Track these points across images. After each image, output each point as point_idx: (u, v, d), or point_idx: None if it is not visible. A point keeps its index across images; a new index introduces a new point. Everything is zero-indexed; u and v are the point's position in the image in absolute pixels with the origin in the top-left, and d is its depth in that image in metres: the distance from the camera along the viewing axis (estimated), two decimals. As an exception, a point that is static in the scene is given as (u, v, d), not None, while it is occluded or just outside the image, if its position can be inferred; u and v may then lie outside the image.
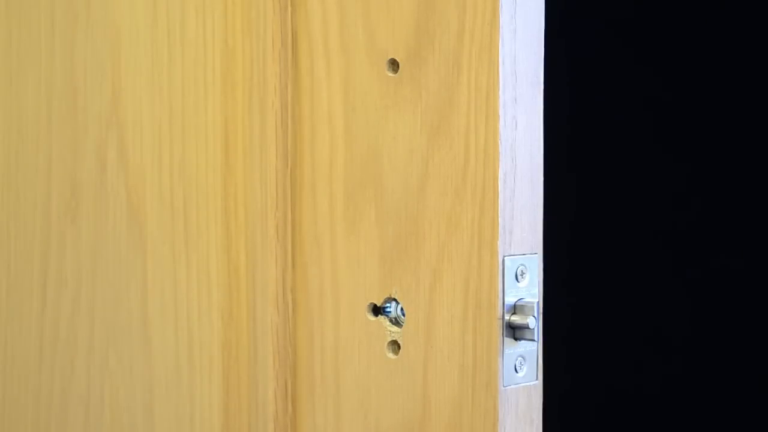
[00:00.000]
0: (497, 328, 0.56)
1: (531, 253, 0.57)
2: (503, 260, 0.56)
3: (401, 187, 0.59)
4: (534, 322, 0.55)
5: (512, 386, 0.56)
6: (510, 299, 0.56)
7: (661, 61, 1.35)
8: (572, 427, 1.36)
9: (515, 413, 0.56)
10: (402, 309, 0.59)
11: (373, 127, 0.60)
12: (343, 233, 0.62)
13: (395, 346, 0.60)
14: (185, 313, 0.69)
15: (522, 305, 0.56)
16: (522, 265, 0.57)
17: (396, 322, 0.60)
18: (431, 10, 0.58)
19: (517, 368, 0.56)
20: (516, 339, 0.56)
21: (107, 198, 0.74)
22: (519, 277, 0.56)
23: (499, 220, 0.56)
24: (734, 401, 1.34)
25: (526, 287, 0.57)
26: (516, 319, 0.56)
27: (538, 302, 0.56)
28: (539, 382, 0.58)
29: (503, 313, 0.56)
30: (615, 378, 1.39)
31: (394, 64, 0.59)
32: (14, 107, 0.80)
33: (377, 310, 0.61)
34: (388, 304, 0.60)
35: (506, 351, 0.56)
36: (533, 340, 0.56)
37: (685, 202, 1.36)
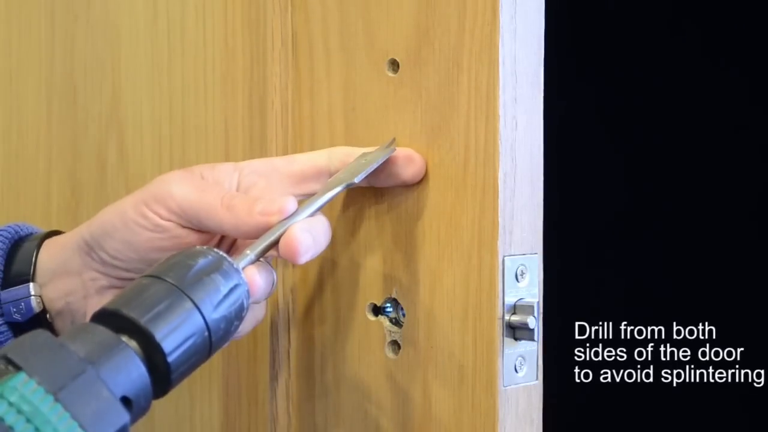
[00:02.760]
0: (497, 328, 0.55)
1: (531, 253, 0.57)
2: (503, 260, 0.56)
3: (401, 187, 0.59)
4: (534, 322, 0.55)
5: (512, 386, 0.56)
6: (510, 299, 0.56)
7: (662, 61, 1.35)
8: (572, 427, 1.36)
9: (515, 413, 0.56)
10: (402, 309, 0.59)
11: (373, 127, 0.60)
12: (343, 233, 0.62)
13: (395, 346, 0.60)
14: (185, 313, 0.69)
15: (522, 305, 0.56)
16: (522, 265, 0.56)
17: (396, 322, 0.60)
18: (431, 10, 0.57)
19: (517, 368, 0.56)
20: (516, 339, 0.56)
21: (107, 198, 0.73)
22: (519, 277, 0.56)
23: (499, 220, 0.55)
24: (734, 402, 1.34)
25: (526, 287, 0.57)
26: (516, 319, 0.56)
27: (538, 302, 0.56)
28: (539, 382, 0.58)
29: (503, 313, 0.56)
30: (615, 378, 1.39)
31: (394, 64, 0.59)
32: (14, 107, 0.80)
33: (377, 310, 0.61)
34: (388, 304, 0.60)
35: (506, 351, 0.56)
36: (533, 340, 0.56)
37: (686, 202, 1.35)
